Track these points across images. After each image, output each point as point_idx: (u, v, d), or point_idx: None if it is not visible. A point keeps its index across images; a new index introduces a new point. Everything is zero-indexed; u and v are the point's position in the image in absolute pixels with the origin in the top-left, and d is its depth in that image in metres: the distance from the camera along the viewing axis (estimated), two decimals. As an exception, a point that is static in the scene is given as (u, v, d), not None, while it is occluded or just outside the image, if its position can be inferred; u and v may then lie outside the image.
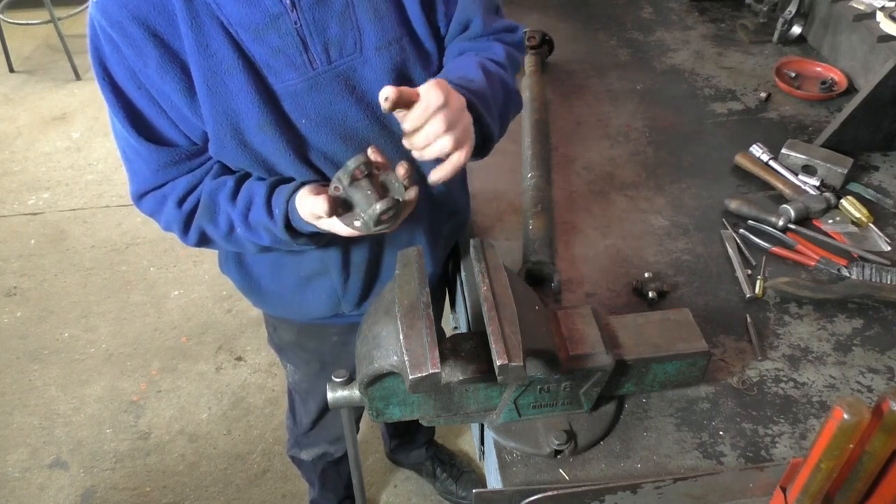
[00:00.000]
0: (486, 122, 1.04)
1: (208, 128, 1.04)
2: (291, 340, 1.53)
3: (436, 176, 0.95)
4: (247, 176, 1.14)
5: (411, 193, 0.98)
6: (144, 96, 1.02)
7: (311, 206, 0.99)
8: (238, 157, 1.08)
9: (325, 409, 1.64)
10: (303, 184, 1.08)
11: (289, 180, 1.11)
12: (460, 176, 1.39)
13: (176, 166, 1.10)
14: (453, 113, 0.92)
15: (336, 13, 1.03)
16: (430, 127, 0.90)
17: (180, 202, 1.11)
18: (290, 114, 1.06)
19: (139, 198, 1.15)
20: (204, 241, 1.17)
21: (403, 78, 1.10)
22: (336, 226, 1.02)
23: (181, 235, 1.16)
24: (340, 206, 0.97)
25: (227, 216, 1.11)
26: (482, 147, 1.08)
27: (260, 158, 1.09)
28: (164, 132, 1.06)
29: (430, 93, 0.89)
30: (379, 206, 0.94)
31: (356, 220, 0.98)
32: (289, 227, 1.08)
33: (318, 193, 0.99)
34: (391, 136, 1.13)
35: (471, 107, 1.00)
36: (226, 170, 1.14)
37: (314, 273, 1.30)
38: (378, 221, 0.95)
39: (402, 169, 0.96)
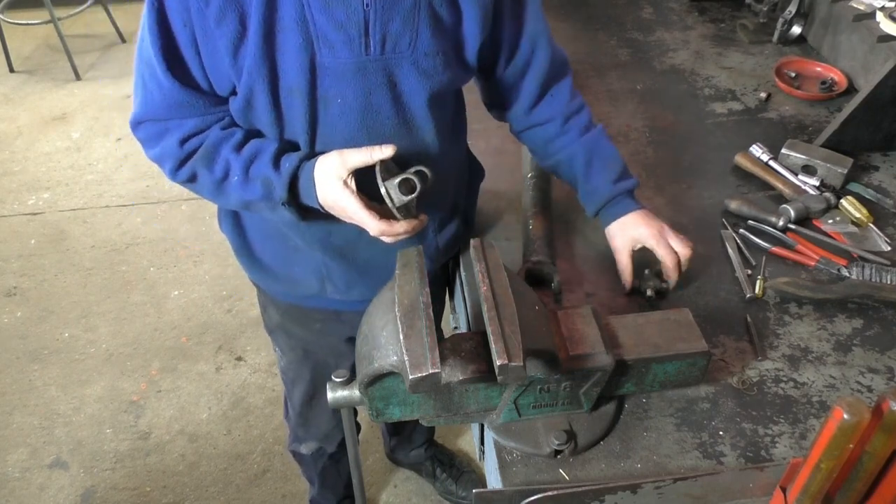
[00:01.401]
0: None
1: (244, 81, 1.05)
2: (279, 323, 1.53)
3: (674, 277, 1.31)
4: (257, 135, 1.15)
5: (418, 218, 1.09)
6: (188, 34, 1.02)
7: (356, 152, 1.04)
8: (263, 115, 1.09)
9: (309, 398, 1.64)
10: (312, 154, 1.10)
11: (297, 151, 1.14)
12: (459, 177, 1.40)
13: (190, 107, 1.10)
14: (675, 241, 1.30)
15: (403, 10, 1.05)
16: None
17: (183, 141, 1.12)
18: (330, 90, 1.07)
19: (139, 123, 1.15)
20: (191, 181, 1.17)
21: (439, 88, 1.13)
22: (349, 202, 1.05)
23: (171, 172, 1.16)
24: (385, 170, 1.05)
25: (225, 163, 1.12)
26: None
27: (282, 122, 1.10)
28: (193, 74, 1.07)
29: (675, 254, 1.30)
30: (401, 177, 1.03)
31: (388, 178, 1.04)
32: (291, 187, 1.09)
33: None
34: (413, 140, 1.16)
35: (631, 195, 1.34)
36: (235, 126, 1.15)
37: (300, 248, 1.30)
38: (401, 188, 1.03)
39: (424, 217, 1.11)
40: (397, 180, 1.03)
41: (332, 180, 1.05)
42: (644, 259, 1.43)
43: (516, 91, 1.30)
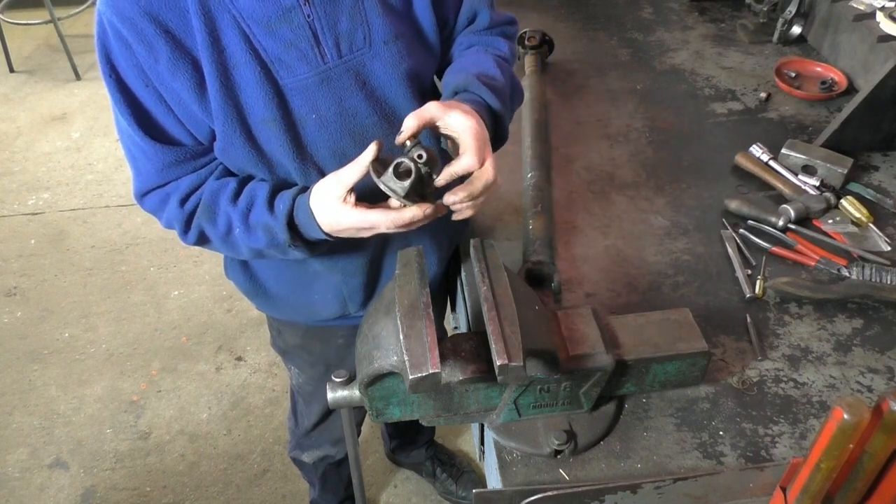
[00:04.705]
0: (505, 124, 1.14)
1: (217, 124, 1.04)
2: (297, 343, 1.52)
3: (460, 215, 1.05)
4: (250, 179, 1.14)
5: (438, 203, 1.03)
6: (152, 94, 1.02)
7: (349, 168, 0.99)
8: (244, 154, 1.08)
9: (329, 411, 1.64)
10: (305, 188, 1.08)
11: (292, 185, 1.12)
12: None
13: (180, 165, 1.10)
14: (497, 179, 1.02)
15: (346, 7, 1.05)
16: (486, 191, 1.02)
17: (182, 201, 1.12)
18: (301, 109, 1.06)
19: (142, 196, 1.15)
20: (203, 240, 1.17)
21: (411, 73, 1.12)
22: (352, 215, 1.01)
23: (181, 234, 1.16)
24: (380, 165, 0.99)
25: (226, 217, 1.11)
26: (497, 141, 1.14)
27: (265, 156, 1.09)
28: (170, 131, 1.06)
29: (483, 171, 1.00)
30: (392, 164, 0.96)
31: (384, 173, 0.98)
32: (290, 226, 1.07)
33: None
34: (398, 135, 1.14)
35: (493, 111, 1.11)
36: (230, 173, 1.14)
37: (319, 272, 1.30)
38: (397, 175, 0.96)
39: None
40: (390, 170, 0.97)
41: (329, 203, 1.02)
42: (643, 261, 1.43)
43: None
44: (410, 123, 0.99)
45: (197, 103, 1.02)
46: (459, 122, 1.00)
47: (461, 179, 1.03)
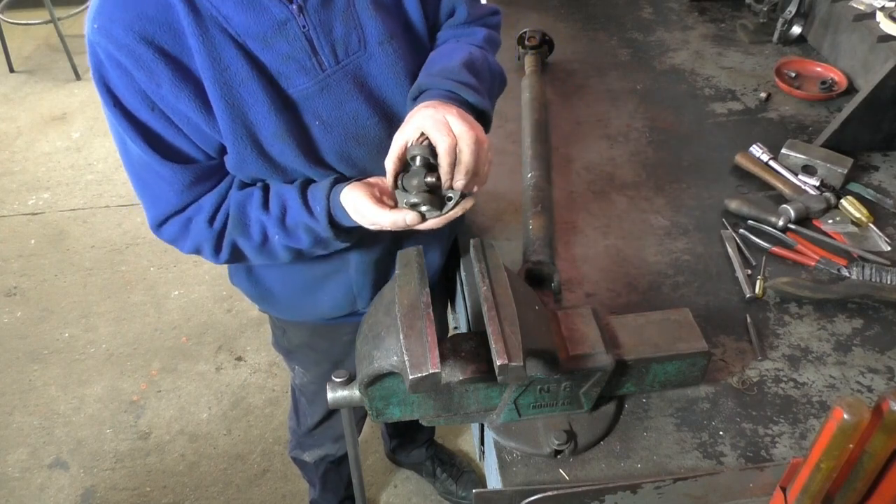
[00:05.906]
0: (481, 105, 1.10)
1: (227, 141, 1.03)
2: (303, 342, 1.52)
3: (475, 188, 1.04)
4: (269, 185, 1.14)
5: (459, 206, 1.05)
6: (159, 117, 1.00)
7: (363, 200, 1.02)
8: (257, 167, 1.07)
9: (332, 409, 1.64)
10: (335, 181, 1.09)
11: (313, 181, 1.12)
12: None
13: (200, 184, 1.09)
14: (475, 134, 0.98)
15: (339, 12, 1.05)
16: (480, 160, 1.00)
17: (210, 220, 1.11)
18: (304, 118, 1.06)
19: (160, 224, 1.13)
20: (236, 255, 1.16)
21: (407, 71, 1.12)
22: (379, 215, 1.02)
23: (212, 254, 1.15)
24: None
25: (260, 225, 1.11)
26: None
27: (279, 167, 1.09)
28: (184, 150, 1.05)
29: (460, 138, 0.97)
30: (430, 178, 0.99)
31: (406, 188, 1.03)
32: (331, 222, 1.08)
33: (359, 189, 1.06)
34: None
35: (457, 97, 1.07)
36: (246, 184, 1.14)
37: (329, 272, 1.30)
38: (421, 188, 1.00)
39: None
40: (424, 210, 1.02)
41: (364, 198, 1.04)
42: (643, 261, 1.43)
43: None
44: (389, 167, 1.01)
45: (205, 122, 1.01)
46: (415, 124, 0.99)
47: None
